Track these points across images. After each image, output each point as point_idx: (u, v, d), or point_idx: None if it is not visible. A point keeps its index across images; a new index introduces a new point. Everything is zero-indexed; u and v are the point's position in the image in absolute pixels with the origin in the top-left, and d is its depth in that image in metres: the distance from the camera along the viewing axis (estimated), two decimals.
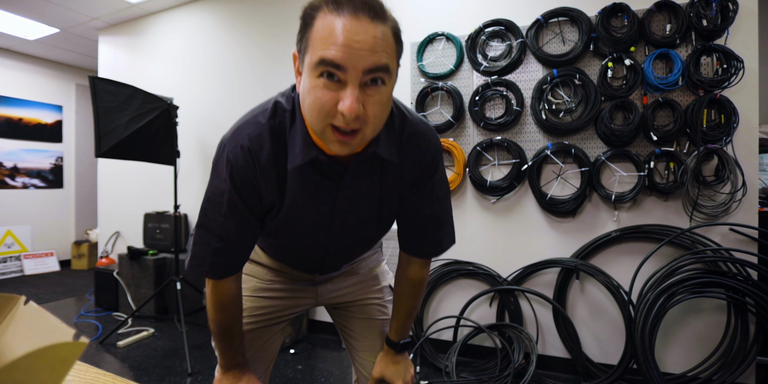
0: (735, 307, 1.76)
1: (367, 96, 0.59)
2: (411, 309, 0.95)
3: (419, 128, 0.79)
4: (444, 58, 2.31)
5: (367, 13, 0.56)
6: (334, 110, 0.59)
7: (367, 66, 0.57)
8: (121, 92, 2.41)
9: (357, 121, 0.59)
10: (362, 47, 0.56)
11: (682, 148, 1.89)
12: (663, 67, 1.91)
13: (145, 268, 2.98)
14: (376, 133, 0.65)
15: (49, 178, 4.73)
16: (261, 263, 1.00)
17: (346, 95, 0.57)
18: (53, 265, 4.64)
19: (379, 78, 0.59)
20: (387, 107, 0.63)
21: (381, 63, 0.57)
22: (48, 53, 4.47)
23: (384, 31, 0.58)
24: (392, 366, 0.97)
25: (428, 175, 0.82)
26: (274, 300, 0.99)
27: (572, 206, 2.04)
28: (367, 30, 0.56)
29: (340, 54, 0.55)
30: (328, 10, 0.57)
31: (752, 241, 1.79)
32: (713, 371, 1.78)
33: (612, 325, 2.02)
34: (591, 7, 2.00)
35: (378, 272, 1.08)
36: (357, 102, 0.57)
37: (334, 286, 1.03)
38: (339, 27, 0.56)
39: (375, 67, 0.57)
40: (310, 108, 0.61)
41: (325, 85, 0.58)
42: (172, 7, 3.37)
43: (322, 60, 0.56)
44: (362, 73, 0.57)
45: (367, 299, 1.05)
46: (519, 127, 2.18)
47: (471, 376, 2.02)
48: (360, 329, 1.04)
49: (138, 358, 2.33)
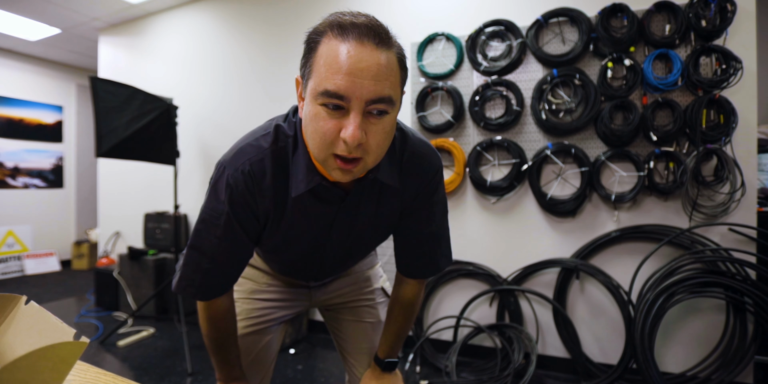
0: (734, 306, 1.76)
1: (370, 124, 0.59)
2: (399, 329, 0.94)
3: (420, 150, 0.78)
4: (444, 58, 2.31)
5: (372, 39, 0.56)
6: (336, 138, 0.58)
7: (371, 97, 0.56)
8: (121, 92, 2.42)
9: (359, 150, 0.59)
10: (366, 75, 0.55)
11: (682, 148, 1.90)
12: (662, 67, 1.91)
13: (145, 268, 2.99)
14: (378, 161, 0.65)
15: (49, 178, 4.73)
16: (258, 267, 1.01)
17: (349, 123, 0.57)
18: (54, 265, 4.65)
19: (383, 110, 0.58)
20: (389, 136, 0.63)
21: (384, 94, 0.57)
22: (48, 54, 4.47)
23: (389, 58, 0.57)
24: (376, 383, 0.96)
25: (428, 195, 0.81)
26: (269, 302, 1.00)
27: (572, 206, 2.05)
28: (371, 56, 0.55)
29: (344, 84, 0.55)
30: (333, 35, 0.57)
31: (751, 241, 1.79)
32: (712, 370, 1.78)
33: (612, 325, 2.03)
34: (591, 7, 2.00)
35: (370, 274, 1.09)
36: (359, 130, 0.57)
37: (327, 288, 1.04)
38: (343, 53, 0.55)
39: (378, 99, 0.57)
40: (313, 136, 0.60)
41: (328, 113, 0.58)
42: (172, 8, 3.38)
43: (325, 91, 0.56)
44: (365, 103, 0.56)
45: (358, 301, 1.06)
46: (519, 127, 2.18)
47: (471, 376, 2.02)
48: (350, 331, 1.05)
49: (138, 358, 2.33)
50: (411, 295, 0.92)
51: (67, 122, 4.88)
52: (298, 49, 3.00)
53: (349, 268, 1.05)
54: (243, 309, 0.98)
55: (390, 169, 0.74)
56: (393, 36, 0.59)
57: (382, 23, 0.59)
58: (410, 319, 0.95)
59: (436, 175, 0.81)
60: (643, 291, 1.82)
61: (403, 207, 0.81)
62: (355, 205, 0.76)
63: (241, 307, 0.98)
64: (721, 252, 1.79)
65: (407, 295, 0.92)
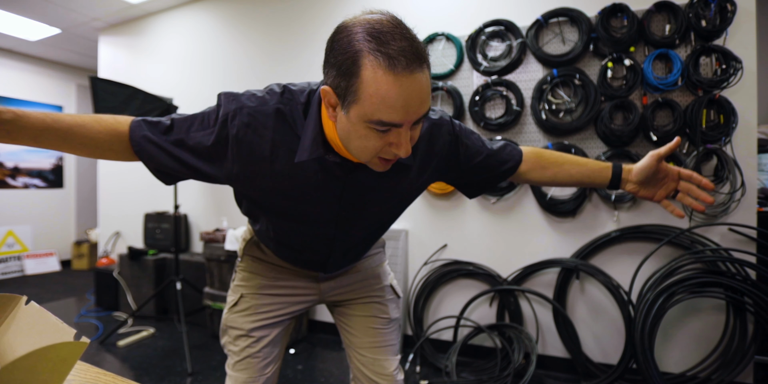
0: (734, 306, 1.76)
1: (412, 131, 0.64)
2: (567, 158, 0.91)
3: (431, 122, 0.81)
4: (444, 58, 2.31)
5: (418, 63, 0.57)
6: (384, 149, 0.64)
7: (419, 117, 0.61)
8: (121, 92, 2.42)
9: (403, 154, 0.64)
10: (417, 102, 0.59)
11: (682, 148, 1.90)
12: (662, 67, 1.91)
13: (145, 268, 2.99)
14: None
15: (49, 178, 4.74)
16: (267, 261, 1.01)
17: (401, 141, 0.62)
18: (54, 265, 4.65)
19: (421, 119, 0.63)
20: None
21: (427, 110, 0.62)
22: (48, 54, 4.47)
23: (428, 74, 0.60)
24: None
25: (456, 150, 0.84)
26: (277, 297, 1.00)
27: (572, 206, 2.05)
28: (420, 82, 0.58)
29: (400, 116, 0.58)
30: (379, 63, 0.55)
31: (751, 241, 1.79)
32: (712, 370, 1.78)
33: (612, 325, 2.03)
34: (591, 7, 2.00)
35: (380, 271, 1.09)
36: (408, 143, 0.62)
37: (336, 284, 1.04)
38: (398, 90, 0.56)
39: (423, 116, 0.62)
40: (358, 149, 0.64)
41: (377, 135, 0.61)
42: (172, 8, 3.38)
43: (380, 121, 0.59)
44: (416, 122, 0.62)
45: (368, 297, 1.05)
46: (519, 127, 2.18)
47: (471, 376, 2.02)
48: (359, 327, 1.04)
49: (138, 358, 2.33)
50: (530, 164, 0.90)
51: None
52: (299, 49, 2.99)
53: (360, 258, 1.04)
54: (251, 304, 0.98)
55: None
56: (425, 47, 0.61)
57: (417, 37, 0.59)
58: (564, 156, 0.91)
59: (452, 132, 0.83)
60: (643, 291, 1.82)
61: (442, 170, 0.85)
62: (364, 180, 0.77)
63: (249, 303, 0.98)
64: (721, 252, 1.79)
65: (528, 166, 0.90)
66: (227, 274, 2.57)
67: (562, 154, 0.92)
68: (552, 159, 0.90)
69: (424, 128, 0.79)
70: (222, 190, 3.14)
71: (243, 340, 0.97)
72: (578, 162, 0.90)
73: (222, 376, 2.10)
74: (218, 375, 2.12)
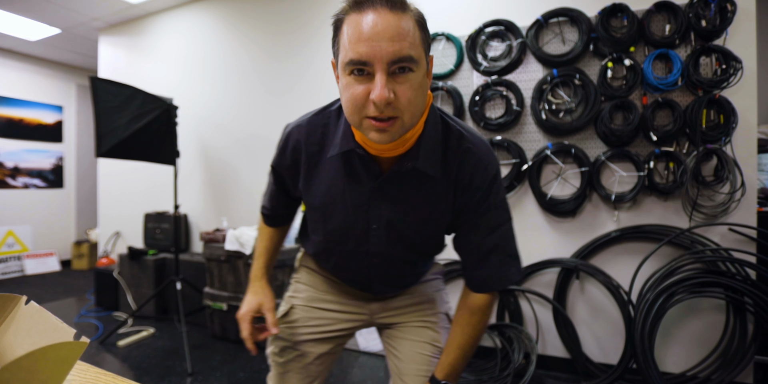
0: (734, 306, 1.76)
1: (398, 83, 0.61)
2: (465, 343, 0.85)
3: (478, 150, 0.76)
4: (444, 58, 2.31)
5: (386, 4, 0.60)
6: (366, 101, 0.62)
7: (391, 57, 0.59)
8: (121, 92, 2.42)
9: (391, 109, 0.62)
10: (383, 37, 0.58)
11: (682, 148, 1.90)
12: (662, 67, 1.91)
13: (145, 268, 2.99)
14: (415, 119, 0.66)
15: (49, 178, 4.74)
16: (321, 274, 1.02)
17: (375, 84, 0.60)
18: (54, 265, 4.65)
19: (406, 67, 0.61)
20: (420, 93, 0.64)
21: (403, 54, 0.59)
22: (48, 54, 4.47)
23: (405, 19, 0.60)
24: None
25: (482, 199, 0.77)
26: (327, 312, 0.99)
27: (572, 206, 2.05)
28: (386, 20, 0.59)
29: (365, 49, 0.59)
30: (352, 12, 0.62)
31: (751, 241, 1.79)
32: (712, 370, 1.78)
33: (612, 325, 2.03)
34: (591, 7, 2.00)
35: (435, 297, 1.03)
36: (385, 89, 0.59)
37: (387, 305, 1.00)
38: (361, 23, 0.59)
39: (398, 59, 0.59)
40: (346, 104, 0.65)
41: (356, 80, 0.62)
42: (172, 7, 3.38)
43: (350, 60, 0.60)
44: (387, 64, 0.59)
45: (421, 322, 0.99)
46: (519, 127, 2.18)
47: (471, 376, 2.02)
48: (408, 352, 0.97)
49: (138, 358, 2.33)
50: (480, 302, 0.84)
51: (67, 122, 4.88)
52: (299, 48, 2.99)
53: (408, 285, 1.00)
54: (301, 316, 0.99)
55: (433, 159, 0.74)
56: (408, 2, 0.63)
57: None
58: (478, 329, 0.85)
59: (491, 178, 0.77)
60: (643, 291, 1.82)
61: (457, 209, 0.79)
62: (392, 190, 0.77)
63: (298, 315, 0.99)
64: (721, 252, 1.79)
65: (476, 301, 0.85)
66: (227, 274, 2.57)
67: (472, 333, 0.86)
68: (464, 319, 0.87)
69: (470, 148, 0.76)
70: (222, 190, 3.14)
71: (288, 353, 0.97)
72: (452, 340, 0.88)
73: (222, 376, 2.10)
74: (218, 375, 2.12)
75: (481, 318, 0.86)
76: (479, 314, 0.85)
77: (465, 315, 0.86)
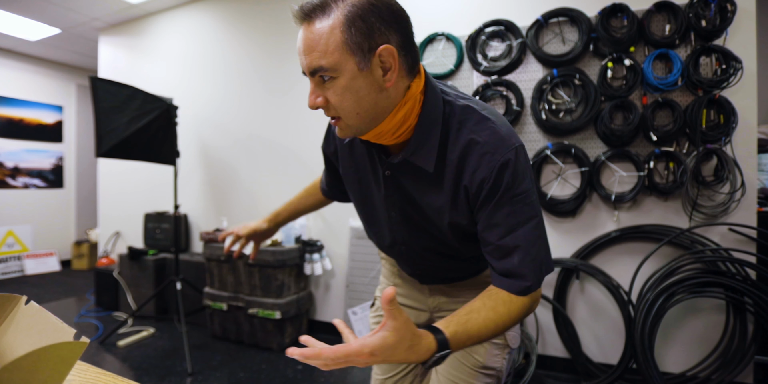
0: (734, 306, 1.76)
1: (325, 90, 0.65)
2: (480, 307, 0.65)
3: (480, 139, 0.67)
4: (444, 58, 2.31)
5: (302, 17, 0.61)
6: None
7: (309, 70, 0.63)
8: (121, 92, 2.42)
9: (331, 110, 0.67)
10: (301, 51, 0.63)
11: (682, 148, 1.90)
12: (662, 67, 1.91)
13: (145, 268, 2.99)
14: (360, 120, 0.67)
15: (49, 178, 4.74)
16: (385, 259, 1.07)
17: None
18: (54, 265, 4.65)
19: (324, 75, 0.63)
20: (347, 97, 0.63)
21: (314, 66, 0.62)
22: (49, 54, 4.47)
23: (319, 28, 0.60)
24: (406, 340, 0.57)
25: (490, 193, 0.67)
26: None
27: (572, 206, 2.05)
28: (304, 34, 0.62)
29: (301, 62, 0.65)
30: None
31: (751, 241, 1.79)
32: (712, 370, 1.78)
33: (612, 325, 2.03)
34: (591, 7, 2.00)
35: None
36: (311, 96, 0.66)
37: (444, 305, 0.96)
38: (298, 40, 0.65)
39: (313, 70, 0.63)
40: None
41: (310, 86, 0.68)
42: (172, 7, 3.38)
43: None
44: (310, 74, 0.64)
45: None
46: (519, 127, 2.18)
47: None
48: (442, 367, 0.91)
49: (138, 358, 2.33)
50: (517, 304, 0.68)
51: (67, 122, 4.88)
52: None
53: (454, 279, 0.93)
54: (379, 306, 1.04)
55: (425, 151, 0.70)
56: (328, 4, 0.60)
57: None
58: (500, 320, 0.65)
59: (500, 168, 0.65)
60: (643, 291, 1.82)
61: (472, 205, 0.71)
62: (399, 179, 0.77)
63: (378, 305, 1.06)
64: (721, 252, 1.79)
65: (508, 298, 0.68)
66: (227, 274, 2.57)
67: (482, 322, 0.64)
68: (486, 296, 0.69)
69: (459, 141, 0.69)
70: (222, 190, 3.14)
71: None
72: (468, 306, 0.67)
73: (222, 376, 2.10)
74: (218, 375, 2.12)
75: (509, 310, 0.67)
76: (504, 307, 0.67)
77: (498, 297, 0.68)
